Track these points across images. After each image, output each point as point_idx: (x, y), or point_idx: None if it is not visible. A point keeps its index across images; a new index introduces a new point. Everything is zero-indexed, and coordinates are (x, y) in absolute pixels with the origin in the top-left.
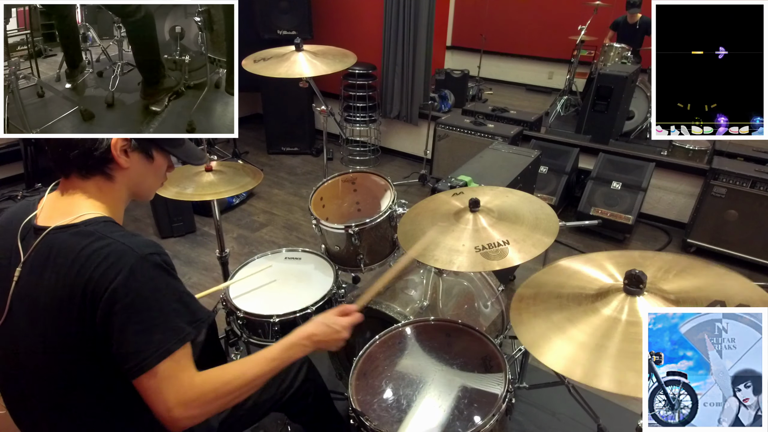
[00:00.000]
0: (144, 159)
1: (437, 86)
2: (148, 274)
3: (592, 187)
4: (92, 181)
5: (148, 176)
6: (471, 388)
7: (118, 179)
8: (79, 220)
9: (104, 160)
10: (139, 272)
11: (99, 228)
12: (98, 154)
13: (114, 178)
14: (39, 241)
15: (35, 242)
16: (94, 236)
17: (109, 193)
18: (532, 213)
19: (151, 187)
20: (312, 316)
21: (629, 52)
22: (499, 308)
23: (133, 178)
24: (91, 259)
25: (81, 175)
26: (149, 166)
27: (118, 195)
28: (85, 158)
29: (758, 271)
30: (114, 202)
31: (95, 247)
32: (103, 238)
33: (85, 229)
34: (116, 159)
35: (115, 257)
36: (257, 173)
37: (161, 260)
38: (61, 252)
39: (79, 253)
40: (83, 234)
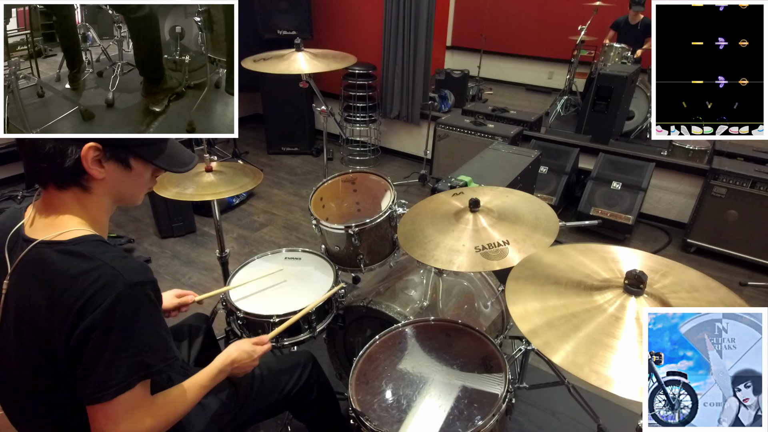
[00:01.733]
0: (121, 168)
1: (437, 86)
2: (132, 306)
3: (592, 187)
4: (70, 192)
5: (128, 185)
6: (471, 388)
7: (95, 190)
8: (66, 237)
9: (77, 172)
10: (124, 302)
11: (87, 248)
12: (69, 167)
13: (91, 189)
14: (25, 254)
15: (21, 254)
16: (83, 257)
17: (89, 205)
18: (532, 213)
19: (135, 194)
20: (312, 317)
21: (629, 52)
22: (499, 308)
23: (112, 188)
24: (79, 281)
25: (57, 187)
26: (128, 175)
27: (99, 205)
28: (55, 171)
29: (758, 271)
30: (96, 212)
31: (83, 269)
32: (92, 259)
33: (73, 249)
34: (88, 171)
35: (103, 282)
36: (257, 173)
37: (149, 290)
38: (48, 270)
39: (67, 273)
40: (71, 253)
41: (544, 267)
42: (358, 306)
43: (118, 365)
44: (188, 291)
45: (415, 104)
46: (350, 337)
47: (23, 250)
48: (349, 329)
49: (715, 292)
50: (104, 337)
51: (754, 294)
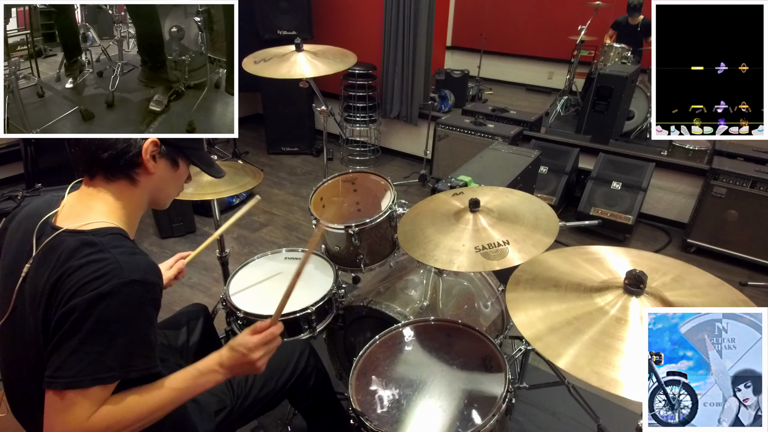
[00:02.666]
0: (169, 166)
1: (437, 86)
2: (118, 303)
3: (592, 187)
4: (115, 184)
5: (170, 183)
6: (471, 388)
7: (141, 184)
8: (88, 228)
9: (133, 164)
10: (112, 297)
11: (104, 240)
12: (129, 157)
13: (138, 182)
14: (48, 241)
15: (46, 240)
16: (97, 247)
17: (129, 198)
18: (532, 213)
19: (170, 195)
20: (312, 317)
21: (629, 52)
22: (499, 308)
23: (156, 184)
24: (84, 269)
25: (106, 178)
26: (173, 174)
27: (138, 200)
28: (115, 160)
29: (758, 271)
30: (132, 207)
31: (92, 259)
32: (103, 251)
33: (91, 239)
34: (145, 163)
35: (103, 272)
36: (257, 173)
37: (142, 291)
38: (63, 256)
39: (77, 261)
40: (87, 243)
41: (543, 270)
42: (358, 306)
43: (79, 357)
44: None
45: (415, 104)
46: (350, 337)
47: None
48: (349, 329)
49: (716, 289)
50: (79, 322)
51: (754, 294)
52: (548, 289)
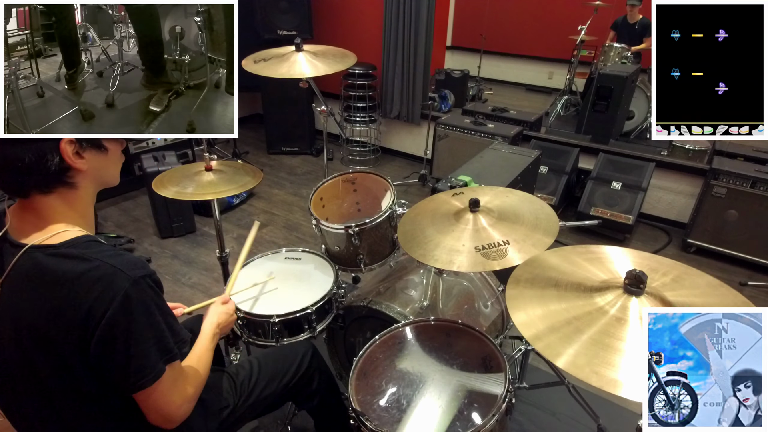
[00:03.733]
0: (99, 153)
1: (437, 86)
2: (141, 299)
3: (592, 187)
4: (55, 194)
5: (108, 167)
6: (471, 388)
7: (80, 183)
8: (57, 241)
9: (61, 171)
10: (134, 297)
11: (81, 250)
12: (54, 170)
13: (76, 183)
14: (17, 260)
15: (13, 260)
16: (78, 259)
17: (75, 201)
18: (532, 213)
19: (114, 174)
20: (312, 317)
21: (629, 52)
22: (499, 308)
23: (94, 175)
24: (80, 283)
25: (41, 192)
26: (105, 157)
27: (85, 199)
28: (40, 178)
29: (758, 271)
30: (83, 207)
31: (81, 271)
32: (89, 260)
33: (67, 251)
34: (73, 165)
35: (107, 282)
36: (257, 173)
37: (150, 282)
38: (45, 276)
39: (65, 277)
40: (65, 256)
41: (544, 270)
42: (358, 306)
43: (148, 354)
44: (177, 303)
45: (415, 104)
46: (350, 337)
47: (13, 256)
48: (349, 329)
49: (716, 290)
50: (125, 334)
51: (754, 294)
52: (548, 289)
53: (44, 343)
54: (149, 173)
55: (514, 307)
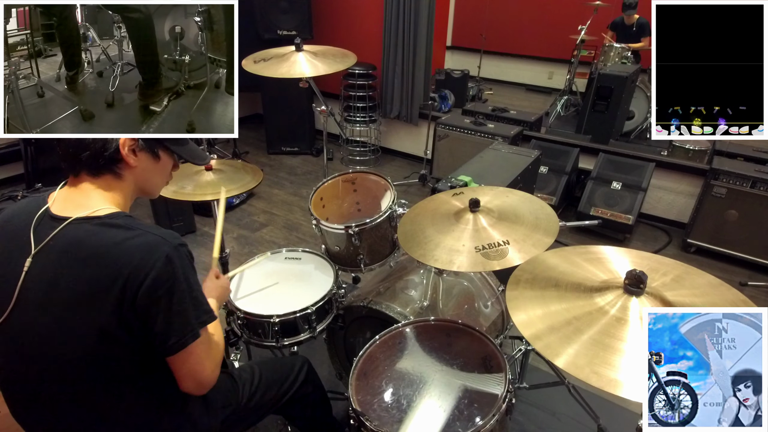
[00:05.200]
0: (151, 158)
1: (437, 86)
2: (181, 263)
3: (592, 187)
4: (102, 179)
5: (154, 174)
6: (471, 388)
7: (126, 177)
8: (101, 213)
9: (114, 160)
10: (175, 260)
11: (124, 221)
12: (108, 155)
13: (123, 176)
14: (59, 231)
15: (54, 231)
16: (123, 228)
17: (118, 190)
18: (532, 213)
19: (157, 184)
20: (312, 317)
21: (629, 52)
22: (499, 308)
23: (140, 176)
24: (127, 250)
25: (91, 174)
26: (156, 165)
27: (127, 192)
28: (95, 159)
29: (758, 271)
30: (123, 198)
31: (123, 237)
32: (132, 229)
33: (112, 221)
34: (125, 158)
35: (151, 247)
36: (257, 173)
37: (187, 251)
38: (88, 243)
39: (113, 244)
40: (111, 226)
41: (544, 270)
42: (358, 306)
43: (188, 314)
44: None
45: (415, 104)
46: (350, 337)
47: (53, 229)
48: (349, 329)
49: (716, 289)
50: (168, 293)
51: (754, 294)
52: (548, 289)
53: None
54: None
55: (514, 307)
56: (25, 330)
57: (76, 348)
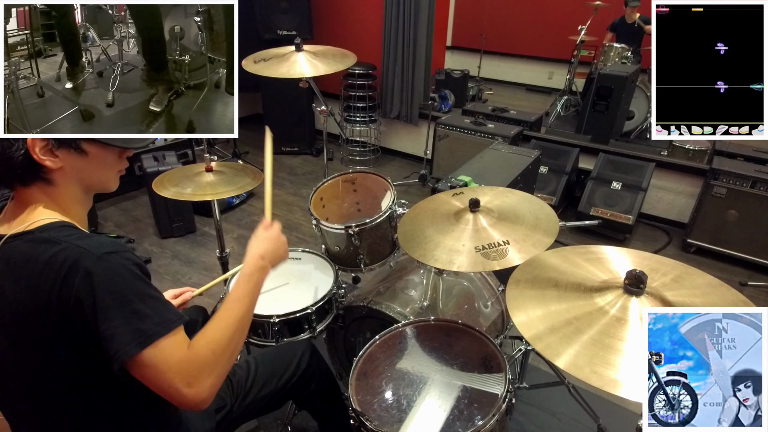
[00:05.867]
0: (75, 154)
1: (437, 86)
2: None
3: (592, 187)
4: (35, 187)
5: (92, 170)
6: (471, 388)
7: (57, 181)
8: (34, 227)
9: (32, 166)
10: (96, 273)
11: (53, 234)
12: (19, 162)
13: (53, 180)
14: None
15: None
16: (49, 242)
17: (57, 196)
18: (532, 213)
19: (101, 179)
20: (312, 317)
21: (629, 52)
22: (499, 308)
23: (75, 176)
24: (49, 266)
25: (22, 184)
26: (86, 160)
27: (68, 195)
28: (10, 169)
29: (758, 271)
30: (68, 203)
31: (50, 254)
32: (57, 243)
33: (40, 236)
34: (41, 162)
35: (71, 262)
36: (257, 173)
37: (122, 259)
38: (18, 261)
39: (36, 261)
40: (38, 241)
41: (543, 270)
42: (358, 306)
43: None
44: (184, 288)
45: (415, 104)
46: (350, 337)
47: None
48: (349, 329)
49: (716, 289)
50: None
51: (754, 294)
52: (548, 289)
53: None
54: (149, 173)
55: (515, 307)
56: None
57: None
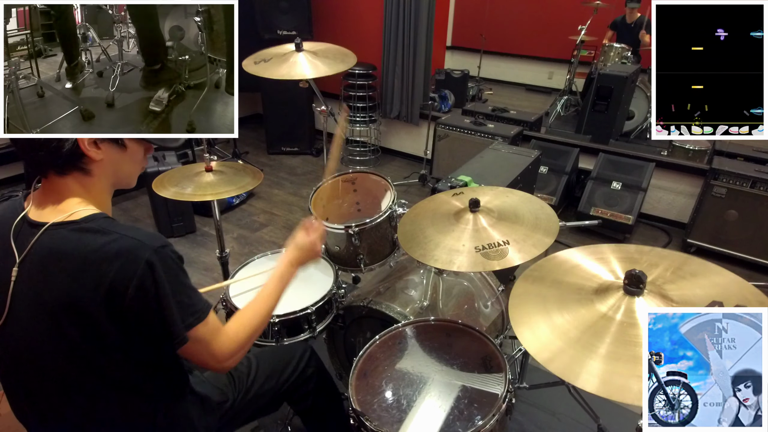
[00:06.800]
0: (116, 148)
1: (437, 86)
2: (164, 266)
3: (592, 187)
4: (71, 177)
5: (124, 164)
6: (471, 388)
7: (95, 172)
8: (77, 217)
9: (75, 156)
10: (157, 264)
11: (100, 224)
12: (66, 151)
13: (91, 171)
14: (38, 238)
15: (33, 239)
16: (99, 233)
17: (91, 187)
18: (532, 213)
19: (131, 173)
20: (312, 317)
21: (629, 52)
22: (499, 308)
23: (109, 169)
24: (106, 256)
25: (58, 174)
26: (123, 154)
27: (100, 187)
28: (53, 157)
29: (758, 271)
30: (99, 194)
31: (100, 243)
32: (110, 233)
33: (87, 226)
34: (87, 153)
35: (130, 253)
36: (257, 173)
37: (170, 252)
38: (66, 251)
39: (91, 251)
40: (88, 231)
41: (542, 273)
42: (358, 306)
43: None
44: None
45: (415, 104)
46: (350, 337)
47: (33, 236)
48: (349, 329)
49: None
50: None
51: None
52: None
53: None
54: (149, 173)
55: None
56: (21, 337)
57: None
